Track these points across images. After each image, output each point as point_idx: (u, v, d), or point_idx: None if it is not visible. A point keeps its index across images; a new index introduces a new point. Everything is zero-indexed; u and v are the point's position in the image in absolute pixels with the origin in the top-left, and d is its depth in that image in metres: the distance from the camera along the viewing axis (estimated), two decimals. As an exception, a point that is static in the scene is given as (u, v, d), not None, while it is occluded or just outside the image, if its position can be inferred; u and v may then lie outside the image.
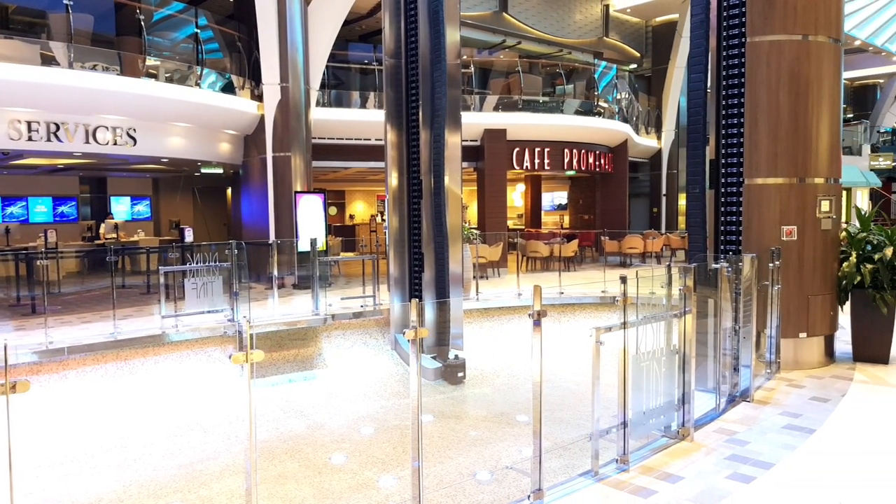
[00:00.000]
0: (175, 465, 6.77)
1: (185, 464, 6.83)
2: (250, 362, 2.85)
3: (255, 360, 2.88)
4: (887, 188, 30.89)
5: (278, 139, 14.32)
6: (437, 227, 10.23)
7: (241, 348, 6.10)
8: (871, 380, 6.48)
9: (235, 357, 2.76)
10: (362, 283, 12.09)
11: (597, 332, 4.15)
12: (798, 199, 6.81)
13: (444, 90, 9.92)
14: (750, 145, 6.87)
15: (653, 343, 4.68)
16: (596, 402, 4.23)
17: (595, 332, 4.15)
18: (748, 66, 6.84)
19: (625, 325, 4.32)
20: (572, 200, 25.01)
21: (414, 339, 3.47)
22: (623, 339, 4.33)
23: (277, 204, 14.50)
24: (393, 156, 10.69)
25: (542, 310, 3.84)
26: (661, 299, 5.00)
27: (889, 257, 6.81)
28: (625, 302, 4.31)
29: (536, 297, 3.84)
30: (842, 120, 7.15)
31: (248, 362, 2.84)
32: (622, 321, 4.31)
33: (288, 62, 14.12)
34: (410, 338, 3.51)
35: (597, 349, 4.16)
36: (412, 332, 3.51)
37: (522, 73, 18.74)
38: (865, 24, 25.69)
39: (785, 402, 5.79)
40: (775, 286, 6.57)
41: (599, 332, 4.17)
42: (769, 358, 6.64)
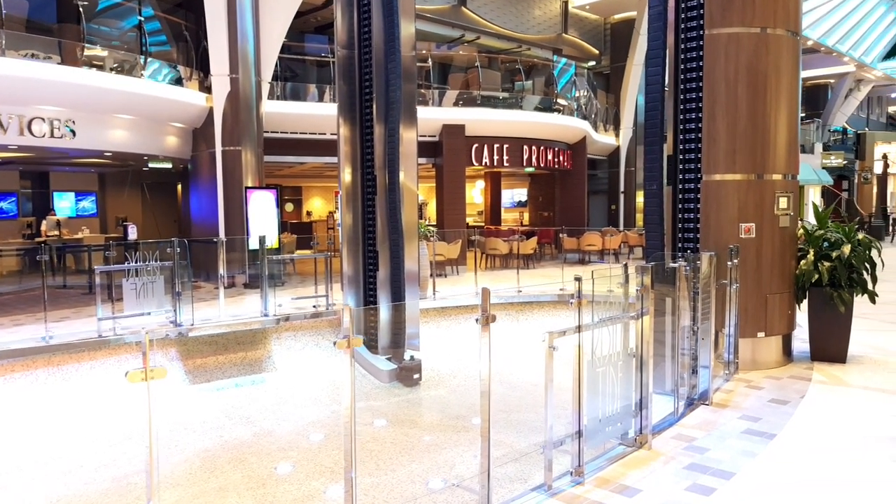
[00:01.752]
0: (109, 477, 6.35)
1: (120, 476, 6.42)
2: (149, 380, 2.45)
3: (156, 378, 2.48)
4: (838, 186, 31.57)
5: (228, 133, 13.82)
6: (392, 224, 9.92)
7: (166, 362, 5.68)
8: (829, 380, 6.39)
9: (131, 375, 2.35)
10: (315, 281, 11.71)
11: (550, 336, 3.90)
12: (756, 196, 6.68)
13: (399, 83, 9.60)
14: (708, 141, 6.71)
15: (609, 346, 4.45)
16: (549, 410, 3.98)
17: (548, 336, 3.90)
18: (706, 59, 6.68)
19: (579, 329, 4.07)
20: (532, 197, 24.91)
21: (348, 349, 3.16)
22: (577, 344, 4.08)
23: (227, 200, 14.00)
24: (346, 151, 10.34)
25: (491, 313, 3.58)
26: (619, 299, 4.78)
27: (847, 255, 6.73)
28: (579, 304, 4.07)
29: (485, 299, 3.57)
30: (799, 114, 7.04)
31: (148, 380, 2.44)
32: (576, 325, 4.06)
33: (238, 53, 13.63)
34: (343, 347, 3.20)
35: (549, 355, 3.91)
36: (344, 341, 3.20)
37: (481, 69, 18.50)
38: (817, 25, 26.14)
39: (744, 405, 5.63)
40: (733, 285, 6.43)
41: (553, 336, 3.91)
42: (728, 358, 6.50)
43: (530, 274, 15.62)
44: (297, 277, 15.29)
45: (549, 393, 3.97)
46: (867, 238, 6.97)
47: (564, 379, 4.24)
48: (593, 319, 4.43)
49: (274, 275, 13.76)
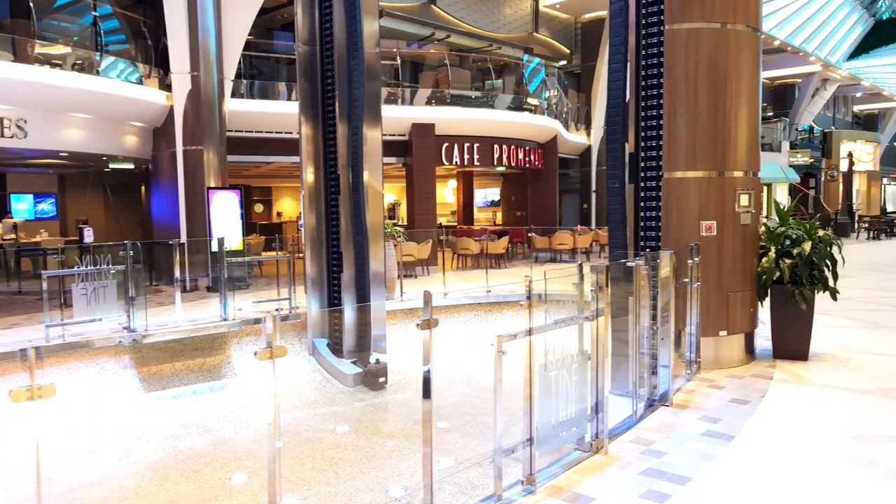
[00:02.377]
0: (54, 492, 6.07)
1: (65, 491, 6.16)
2: (37, 398, 2.16)
3: (45, 396, 2.20)
4: (805, 183, 31.96)
5: (189, 132, 13.50)
6: (356, 224, 9.74)
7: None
8: (791, 378, 6.32)
9: (15, 394, 2.09)
10: (277, 284, 11.48)
11: (498, 340, 3.75)
12: (717, 194, 6.60)
13: (362, 80, 9.42)
14: (669, 137, 6.62)
15: (563, 349, 4.31)
16: (499, 417, 3.83)
17: (496, 340, 3.75)
18: (666, 55, 6.58)
19: (530, 332, 3.92)
20: (505, 197, 24.84)
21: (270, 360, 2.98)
22: (528, 348, 3.94)
23: (189, 201, 13.68)
24: (308, 150, 10.13)
25: (434, 318, 3.41)
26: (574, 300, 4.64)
27: (807, 252, 6.68)
28: (529, 307, 3.92)
29: (427, 304, 3.41)
30: (760, 113, 6.99)
31: (35, 398, 2.16)
32: (527, 328, 3.92)
33: (199, 50, 13.32)
34: (265, 359, 3.02)
35: (498, 359, 3.76)
36: (266, 352, 3.01)
37: (451, 68, 18.36)
38: (784, 25, 26.39)
39: (705, 406, 5.53)
40: (695, 283, 6.34)
41: (502, 340, 3.76)
42: (689, 357, 6.41)
43: (501, 274, 15.52)
44: (264, 280, 15.01)
45: (497, 399, 3.82)
46: (828, 235, 6.94)
47: (519, 383, 4.09)
48: (546, 321, 4.30)
49: (238, 277, 13.51)
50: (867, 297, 11.33)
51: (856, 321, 9.10)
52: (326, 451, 7.19)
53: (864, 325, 8.83)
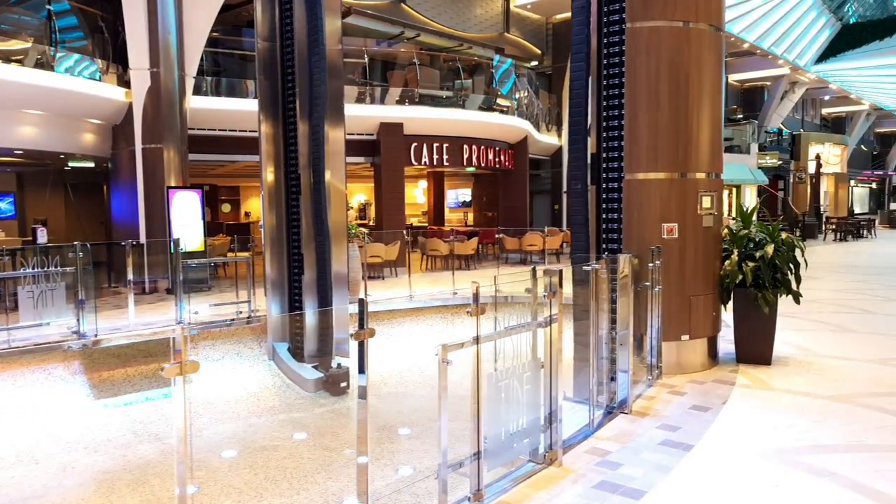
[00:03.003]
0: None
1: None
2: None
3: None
4: (774, 185, 32.29)
5: (148, 129, 13.13)
6: (317, 225, 9.52)
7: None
8: (753, 383, 6.23)
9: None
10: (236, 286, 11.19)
11: (443, 349, 3.56)
12: (679, 195, 6.49)
13: (324, 78, 9.19)
14: (630, 138, 6.49)
15: (515, 356, 4.14)
16: (443, 430, 3.64)
17: (440, 349, 3.56)
18: (628, 54, 6.45)
19: (477, 341, 3.74)
20: (476, 197, 24.70)
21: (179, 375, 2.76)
22: (475, 357, 3.76)
23: (148, 201, 13.31)
24: (268, 149, 9.89)
25: (370, 329, 3.22)
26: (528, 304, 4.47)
27: (770, 255, 6.59)
28: (476, 313, 3.74)
29: (362, 314, 3.21)
30: (723, 113, 6.89)
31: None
32: (474, 335, 3.74)
33: (159, 45, 12.96)
34: (172, 375, 2.80)
35: (443, 370, 3.57)
36: (174, 368, 2.79)
37: (421, 67, 18.15)
38: (754, 28, 26.61)
39: (664, 413, 5.40)
40: (656, 287, 6.22)
41: (447, 349, 3.58)
42: (650, 362, 6.28)
43: (470, 275, 15.35)
44: (228, 281, 14.67)
45: (442, 412, 3.63)
46: (790, 238, 6.86)
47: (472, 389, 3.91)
48: (499, 328, 4.13)
49: (199, 279, 13.18)
50: (832, 299, 11.35)
51: (820, 324, 9.08)
52: (282, 460, 6.97)
53: (829, 328, 8.80)
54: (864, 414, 5.27)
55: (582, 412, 5.33)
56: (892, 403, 5.52)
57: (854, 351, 7.47)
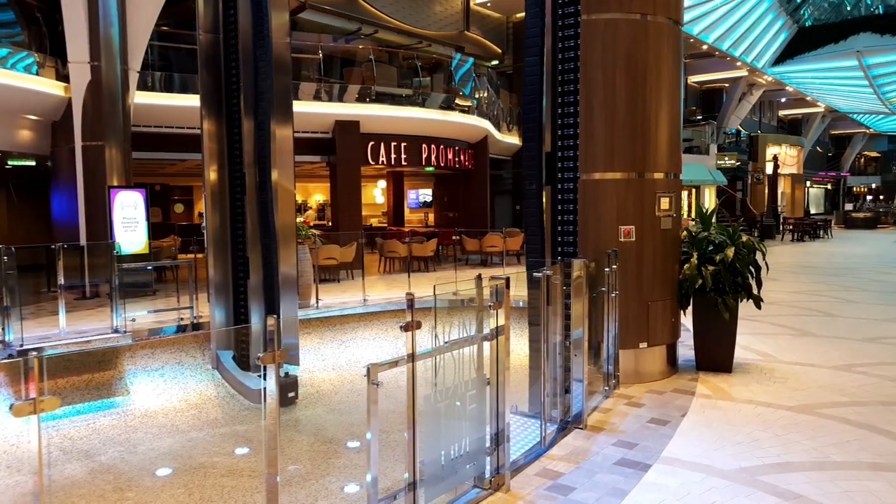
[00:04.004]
0: None
1: None
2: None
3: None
4: (732, 186, 32.60)
5: (89, 126, 12.45)
6: (263, 226, 9.04)
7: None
8: (714, 393, 5.96)
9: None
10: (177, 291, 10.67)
11: (372, 370, 3.17)
12: (636, 197, 6.19)
13: (270, 72, 8.72)
14: (585, 136, 6.17)
15: (456, 373, 3.78)
16: (373, 461, 3.25)
17: (369, 370, 3.17)
18: (583, 47, 6.14)
19: (412, 359, 3.36)
20: (437, 198, 24.32)
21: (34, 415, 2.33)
22: (409, 377, 3.38)
23: (89, 201, 12.63)
24: (211, 147, 9.38)
25: (280, 351, 2.83)
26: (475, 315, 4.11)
27: (730, 258, 6.34)
28: (411, 328, 3.36)
29: (273, 334, 2.82)
30: (682, 113, 6.62)
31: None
32: (407, 353, 3.36)
33: (100, 38, 12.30)
34: (22, 415, 2.37)
35: (373, 393, 3.18)
36: (27, 405, 2.36)
37: (378, 64, 17.70)
38: (713, 29, 26.74)
39: (621, 427, 5.08)
40: (613, 293, 5.91)
41: (376, 369, 3.19)
42: (607, 371, 5.97)
43: (429, 278, 14.98)
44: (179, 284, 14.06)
45: (372, 439, 3.24)
46: (751, 240, 6.61)
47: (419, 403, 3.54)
48: (438, 342, 3.76)
49: (142, 283, 12.56)
50: (792, 301, 11.25)
51: (780, 327, 8.91)
52: (220, 478, 6.51)
53: (789, 332, 8.63)
54: (829, 426, 5.03)
55: (535, 428, 4.99)
56: (855, 414, 5.29)
57: (816, 356, 7.28)
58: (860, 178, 60.04)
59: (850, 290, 12.50)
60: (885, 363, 6.94)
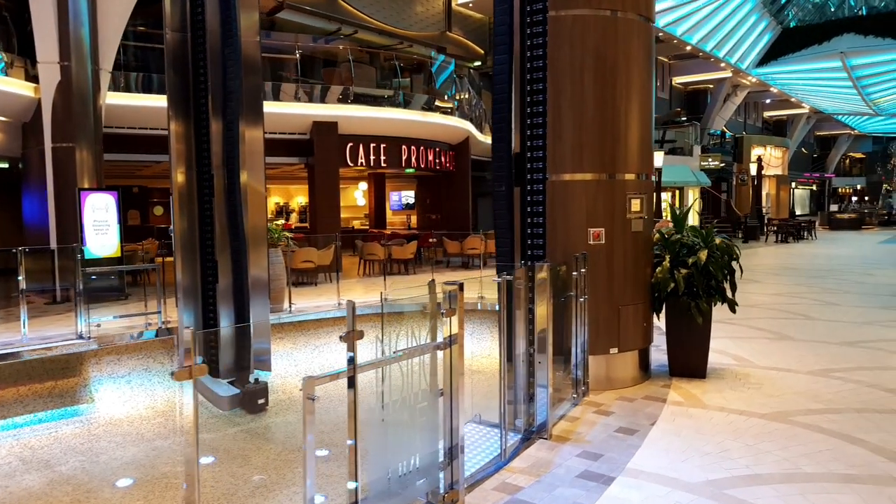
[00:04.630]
0: None
1: None
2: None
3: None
4: (717, 187, 32.58)
5: (59, 127, 12.20)
6: (232, 229, 8.83)
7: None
8: (686, 400, 5.80)
9: None
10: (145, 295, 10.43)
11: (308, 383, 2.98)
12: (606, 198, 6.02)
13: (239, 72, 8.51)
14: (553, 136, 6.00)
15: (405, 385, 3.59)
16: (309, 478, 3.05)
17: (305, 383, 2.98)
18: (551, 44, 5.96)
19: (353, 371, 3.16)
20: (420, 200, 24.14)
21: None
22: (351, 390, 3.18)
23: (60, 203, 12.37)
24: (179, 149, 9.14)
25: (199, 365, 2.63)
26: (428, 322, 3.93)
27: (703, 261, 6.18)
28: (353, 338, 3.16)
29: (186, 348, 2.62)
30: (654, 110, 6.46)
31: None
32: (351, 363, 3.16)
33: (70, 37, 12.04)
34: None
35: (308, 408, 2.99)
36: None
37: (357, 64, 17.51)
38: (697, 30, 26.71)
39: (588, 437, 4.91)
40: (582, 297, 5.74)
41: (313, 382, 2.99)
42: (576, 377, 5.80)
43: (407, 280, 14.80)
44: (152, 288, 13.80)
45: (308, 459, 3.04)
46: (725, 242, 6.46)
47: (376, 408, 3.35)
48: (384, 353, 3.58)
49: (113, 288, 12.31)
50: (772, 303, 11.14)
51: (758, 331, 8.77)
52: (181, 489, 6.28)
53: (766, 336, 8.49)
54: (802, 435, 4.88)
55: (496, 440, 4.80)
56: (829, 422, 5.14)
57: (793, 361, 7.13)
58: (845, 179, 60.39)
59: (831, 293, 12.41)
60: (863, 368, 6.81)
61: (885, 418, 5.21)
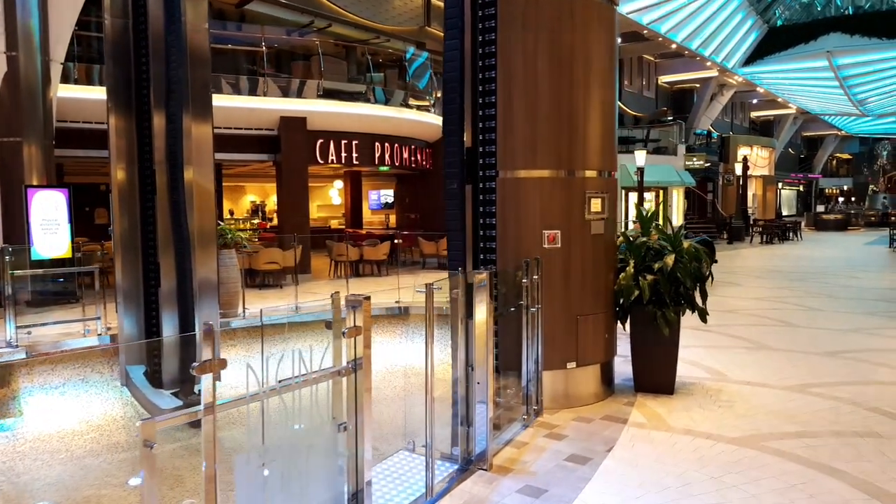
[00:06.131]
0: None
1: None
2: None
3: None
4: (703, 188, 32.15)
5: (5, 121, 11.52)
6: (176, 229, 8.22)
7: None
8: (649, 421, 5.24)
9: None
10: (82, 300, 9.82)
11: (145, 428, 2.39)
12: (563, 197, 5.45)
13: (183, 60, 7.86)
14: (504, 128, 5.43)
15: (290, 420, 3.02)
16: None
17: (143, 427, 2.39)
18: (500, 28, 5.39)
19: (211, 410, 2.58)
20: (399, 199, 23.52)
21: None
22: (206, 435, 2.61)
23: (6, 201, 11.69)
24: (119, 144, 8.52)
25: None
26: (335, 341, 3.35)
27: (670, 267, 5.63)
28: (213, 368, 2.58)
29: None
30: (616, 101, 5.89)
31: None
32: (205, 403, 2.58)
33: (17, 27, 11.37)
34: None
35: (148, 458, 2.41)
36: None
37: (328, 58, 16.88)
38: (682, 28, 26.24)
39: (533, 467, 4.34)
40: (534, 306, 5.18)
41: (151, 427, 2.41)
42: (527, 395, 5.24)
43: (378, 282, 14.23)
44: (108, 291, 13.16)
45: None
46: (694, 246, 5.91)
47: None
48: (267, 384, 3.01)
49: (64, 292, 11.70)
50: (752, 308, 10.62)
51: (735, 339, 8.24)
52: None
53: (743, 345, 7.96)
54: (772, 465, 4.33)
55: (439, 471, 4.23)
56: (805, 448, 4.60)
57: (769, 374, 6.59)
58: (832, 179, 60.26)
59: (815, 297, 11.91)
60: (844, 383, 6.28)
61: (867, 444, 4.67)
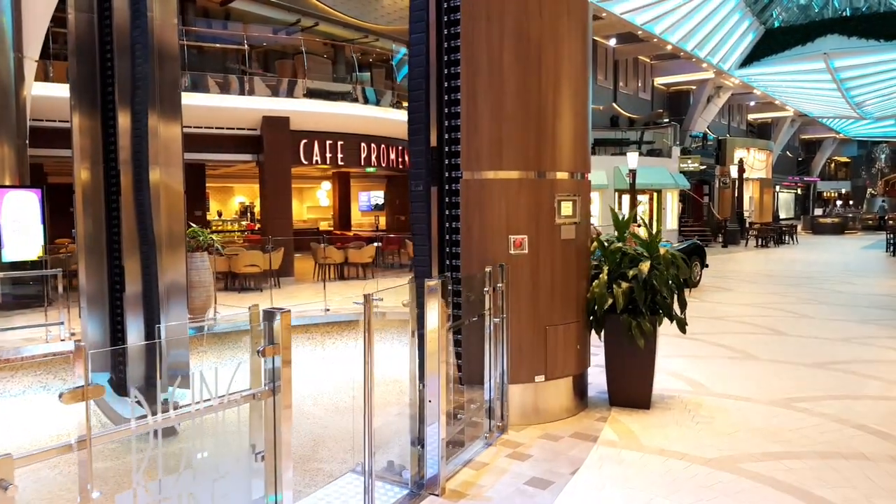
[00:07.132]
0: None
1: None
2: None
3: None
4: (699, 190, 31.84)
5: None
6: (141, 231, 7.91)
7: None
8: (621, 439, 4.92)
9: None
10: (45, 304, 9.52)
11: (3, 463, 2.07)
12: (531, 200, 5.12)
13: (147, 55, 7.57)
14: (469, 127, 5.11)
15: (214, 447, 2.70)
16: None
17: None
18: (464, 18, 5.07)
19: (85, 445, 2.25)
20: (389, 200, 23.23)
21: None
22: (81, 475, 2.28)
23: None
24: (82, 143, 8.20)
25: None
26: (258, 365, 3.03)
27: (645, 274, 5.32)
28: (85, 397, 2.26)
29: None
30: (590, 98, 5.57)
31: None
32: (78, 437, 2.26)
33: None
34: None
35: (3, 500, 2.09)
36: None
37: (312, 57, 16.56)
38: (677, 29, 25.93)
39: (489, 492, 4.01)
40: (499, 316, 4.86)
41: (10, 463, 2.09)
42: (489, 410, 4.91)
43: (362, 286, 13.88)
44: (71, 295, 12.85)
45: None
46: (671, 253, 5.59)
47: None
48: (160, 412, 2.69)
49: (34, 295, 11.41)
50: (741, 315, 10.29)
51: (719, 348, 7.91)
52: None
53: (728, 355, 7.63)
54: (749, 490, 4.00)
55: (385, 497, 3.91)
56: (784, 471, 4.28)
57: (753, 387, 6.26)
58: (830, 183, 59.96)
59: (806, 303, 11.59)
60: (832, 396, 5.96)
61: (852, 466, 4.35)
